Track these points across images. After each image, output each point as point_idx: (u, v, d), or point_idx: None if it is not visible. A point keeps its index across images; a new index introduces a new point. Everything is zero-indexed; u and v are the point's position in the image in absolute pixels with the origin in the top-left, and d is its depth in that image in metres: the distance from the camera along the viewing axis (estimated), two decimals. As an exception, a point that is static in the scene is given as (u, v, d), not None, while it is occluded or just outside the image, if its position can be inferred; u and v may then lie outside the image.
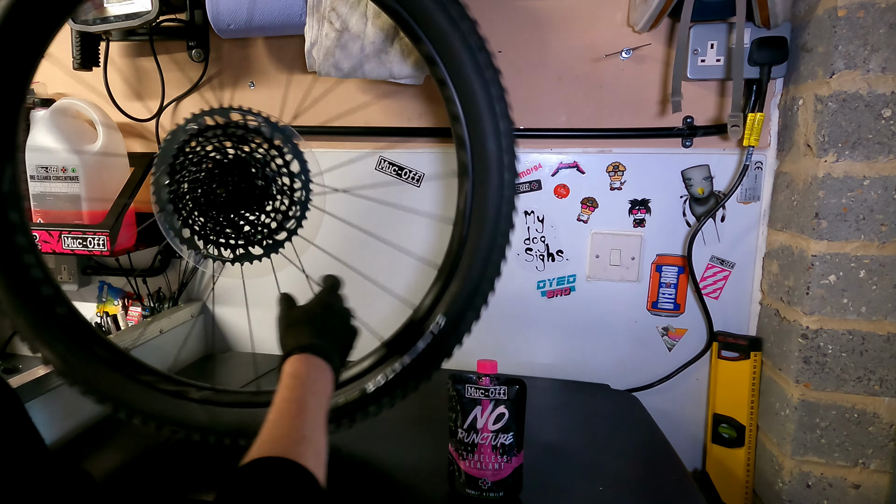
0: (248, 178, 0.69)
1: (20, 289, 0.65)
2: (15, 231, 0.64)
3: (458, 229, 0.71)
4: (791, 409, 0.83)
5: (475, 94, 0.67)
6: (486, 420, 0.64)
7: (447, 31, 0.65)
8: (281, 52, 1.04)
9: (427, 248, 1.03)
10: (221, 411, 0.74)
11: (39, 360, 0.70)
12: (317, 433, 0.50)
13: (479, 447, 0.64)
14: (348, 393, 0.74)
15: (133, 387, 0.72)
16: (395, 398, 0.74)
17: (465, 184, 0.70)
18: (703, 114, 0.93)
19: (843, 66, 0.75)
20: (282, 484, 0.42)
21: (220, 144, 0.69)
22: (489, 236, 0.70)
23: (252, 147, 0.69)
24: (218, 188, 0.68)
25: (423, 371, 0.73)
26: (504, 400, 0.64)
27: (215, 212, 0.69)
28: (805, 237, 0.81)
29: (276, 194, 0.70)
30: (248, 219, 0.70)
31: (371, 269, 0.95)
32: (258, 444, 0.47)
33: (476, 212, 0.69)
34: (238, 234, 0.70)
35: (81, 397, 0.70)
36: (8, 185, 0.63)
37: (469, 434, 0.65)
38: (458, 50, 0.66)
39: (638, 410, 0.92)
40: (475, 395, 0.64)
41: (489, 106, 0.67)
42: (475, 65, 0.66)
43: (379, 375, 0.73)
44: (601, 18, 0.94)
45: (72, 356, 0.69)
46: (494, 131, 0.68)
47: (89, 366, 0.70)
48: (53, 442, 0.79)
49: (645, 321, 1.00)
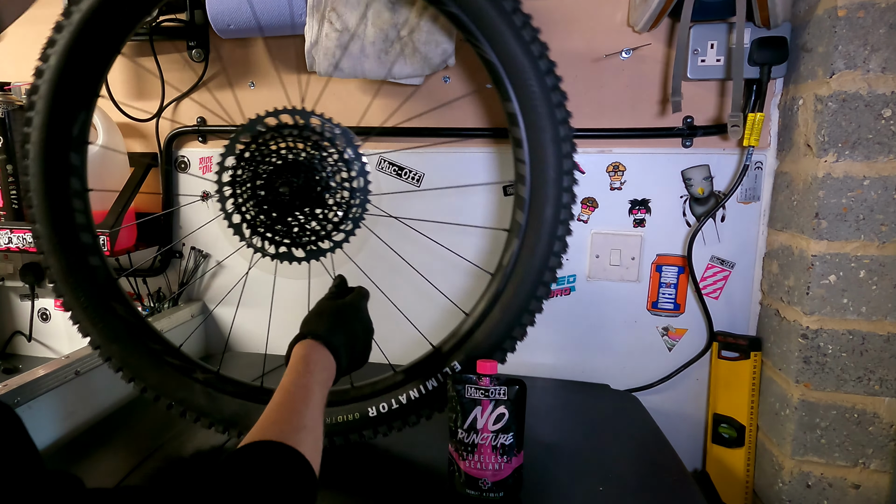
0: (311, 183, 0.70)
1: (61, 230, 0.69)
2: (72, 173, 0.69)
3: (495, 283, 0.72)
4: (791, 409, 0.83)
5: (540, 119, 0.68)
6: (487, 420, 0.64)
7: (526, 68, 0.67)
8: (281, 53, 1.04)
9: (458, 284, 1.03)
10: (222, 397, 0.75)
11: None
12: (317, 423, 0.51)
13: (479, 447, 0.64)
14: (350, 412, 0.74)
15: (142, 355, 0.74)
16: (393, 428, 0.74)
17: (512, 242, 0.71)
18: (703, 114, 0.93)
19: (843, 66, 0.75)
20: (277, 470, 0.43)
21: (294, 144, 0.70)
22: (530, 289, 0.70)
23: (323, 155, 0.70)
24: (281, 186, 0.69)
25: (426, 408, 0.74)
26: (504, 400, 0.64)
27: (270, 207, 0.71)
28: (805, 237, 0.81)
29: (333, 205, 0.71)
30: (299, 221, 0.71)
31: (398, 292, 0.95)
32: (260, 425, 0.47)
33: (521, 265, 0.70)
34: (286, 233, 0.71)
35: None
36: (78, 130, 0.69)
37: (469, 434, 0.65)
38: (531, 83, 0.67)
39: (638, 410, 0.92)
40: (475, 395, 0.64)
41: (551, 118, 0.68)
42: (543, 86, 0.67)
43: (383, 402, 0.73)
44: (601, 18, 0.94)
45: (92, 307, 0.71)
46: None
47: (106, 320, 0.71)
48: (54, 441, 0.79)
49: (645, 321, 1.00)
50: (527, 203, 0.69)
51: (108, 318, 0.72)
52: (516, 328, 0.71)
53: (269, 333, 1.01)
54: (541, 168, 0.68)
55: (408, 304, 0.94)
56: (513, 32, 0.66)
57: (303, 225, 0.71)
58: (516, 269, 0.70)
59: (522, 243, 0.70)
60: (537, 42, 0.67)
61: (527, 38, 0.66)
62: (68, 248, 0.70)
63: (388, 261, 0.97)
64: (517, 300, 0.70)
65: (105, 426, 0.85)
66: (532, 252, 0.70)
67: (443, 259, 0.98)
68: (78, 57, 0.69)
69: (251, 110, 1.05)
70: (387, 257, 0.97)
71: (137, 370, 0.74)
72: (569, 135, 0.68)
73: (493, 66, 0.68)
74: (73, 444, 0.80)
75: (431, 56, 0.88)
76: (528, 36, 0.67)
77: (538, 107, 0.67)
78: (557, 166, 0.68)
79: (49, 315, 1.21)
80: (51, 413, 0.79)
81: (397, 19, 0.89)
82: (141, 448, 0.78)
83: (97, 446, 0.79)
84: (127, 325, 0.73)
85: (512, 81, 0.67)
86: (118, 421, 0.87)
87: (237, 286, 1.08)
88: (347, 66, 0.89)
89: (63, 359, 0.82)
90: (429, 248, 0.94)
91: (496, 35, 0.66)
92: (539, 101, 0.67)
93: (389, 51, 0.87)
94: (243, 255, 1.00)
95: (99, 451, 0.78)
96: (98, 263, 0.72)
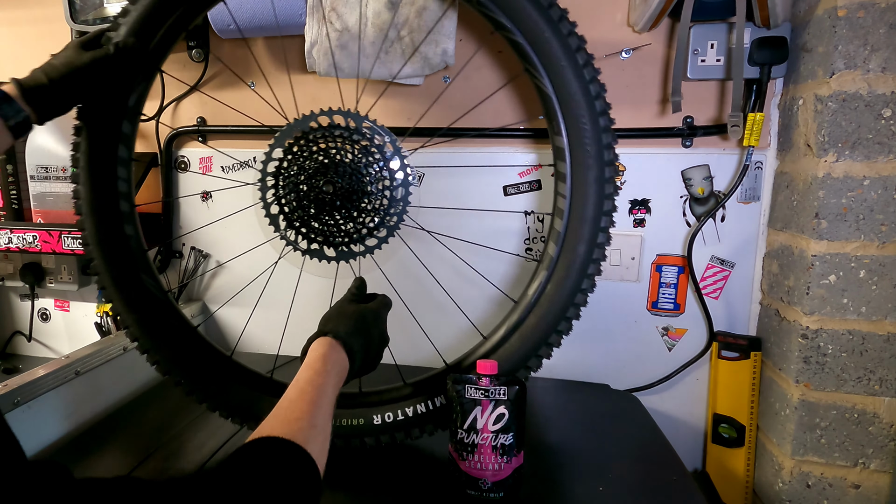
0: (354, 186, 0.71)
1: (102, 194, 0.71)
2: (120, 141, 0.71)
3: (517, 312, 0.72)
4: (791, 409, 0.83)
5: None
6: (487, 420, 0.64)
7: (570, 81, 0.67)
8: (281, 52, 1.04)
9: (479, 306, 1.03)
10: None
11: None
12: (327, 424, 0.51)
13: (479, 447, 0.64)
14: (355, 416, 0.74)
15: (159, 329, 0.75)
16: (395, 438, 0.74)
17: (540, 274, 0.71)
18: (703, 114, 0.93)
19: (843, 65, 0.75)
20: (284, 469, 0.43)
21: (342, 145, 0.72)
22: (552, 322, 0.70)
23: (369, 160, 0.71)
24: (325, 184, 0.71)
25: (430, 423, 0.74)
26: (504, 400, 0.64)
27: (309, 203, 0.72)
28: (805, 237, 0.81)
29: (371, 211, 0.72)
30: (336, 221, 0.73)
31: (418, 305, 0.96)
32: (272, 420, 0.47)
33: (546, 296, 0.71)
34: (322, 231, 0.73)
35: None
36: (134, 101, 0.72)
37: (469, 434, 0.64)
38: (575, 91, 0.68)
39: (638, 410, 0.92)
40: (475, 395, 0.64)
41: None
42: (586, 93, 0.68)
43: (389, 412, 0.73)
44: (601, 18, 0.94)
45: (120, 274, 0.72)
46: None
47: (131, 288, 0.73)
48: (55, 441, 0.79)
49: (645, 321, 1.00)
50: (561, 237, 0.69)
51: (134, 287, 0.73)
52: (532, 359, 0.71)
53: (282, 332, 1.00)
54: (580, 205, 0.69)
55: (426, 318, 0.94)
56: (574, 70, 0.67)
57: (339, 225, 0.72)
58: (541, 301, 0.71)
59: (551, 276, 0.70)
60: (596, 82, 0.68)
61: (587, 76, 0.67)
62: (106, 212, 0.71)
63: (413, 272, 0.97)
64: (537, 332, 0.70)
65: (105, 426, 0.85)
66: (559, 286, 0.70)
67: (466, 277, 0.98)
68: (147, 30, 0.70)
69: (252, 110, 1.06)
70: (411, 268, 0.97)
71: (153, 343, 0.74)
72: (613, 177, 0.68)
73: (549, 99, 0.69)
74: (74, 444, 0.80)
75: (431, 56, 0.88)
76: (589, 75, 0.67)
77: (587, 145, 0.68)
78: (597, 205, 0.68)
79: (49, 315, 1.21)
80: (51, 413, 0.79)
81: (397, 19, 0.89)
82: (141, 448, 0.78)
83: (97, 446, 0.79)
84: (150, 298, 0.74)
85: (565, 117, 0.68)
86: (118, 421, 0.87)
87: (248, 286, 1.08)
88: (347, 66, 0.89)
89: (63, 359, 0.82)
90: (453, 264, 0.94)
91: (557, 69, 0.67)
92: (589, 140, 0.67)
93: (389, 51, 0.87)
94: (274, 247, 1.00)
95: (99, 451, 0.78)
96: (132, 233, 0.73)
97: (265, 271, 0.98)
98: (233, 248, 1.10)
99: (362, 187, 0.71)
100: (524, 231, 1.01)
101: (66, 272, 1.16)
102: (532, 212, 1.00)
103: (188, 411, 0.87)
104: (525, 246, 1.01)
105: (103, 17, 0.95)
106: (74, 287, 1.17)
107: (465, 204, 1.01)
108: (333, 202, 0.71)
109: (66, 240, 0.98)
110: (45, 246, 0.99)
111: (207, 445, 0.78)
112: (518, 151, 0.99)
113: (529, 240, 1.01)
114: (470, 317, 0.91)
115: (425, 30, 0.85)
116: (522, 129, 0.98)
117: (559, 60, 0.67)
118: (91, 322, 1.19)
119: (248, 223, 1.07)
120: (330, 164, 0.71)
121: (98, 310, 1.19)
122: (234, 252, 1.09)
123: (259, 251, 0.98)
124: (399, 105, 1.02)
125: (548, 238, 0.72)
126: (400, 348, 0.79)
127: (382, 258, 0.98)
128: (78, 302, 1.20)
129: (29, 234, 0.99)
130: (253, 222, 1.07)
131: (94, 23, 0.96)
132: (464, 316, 0.89)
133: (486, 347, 0.73)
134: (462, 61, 0.96)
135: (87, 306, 1.19)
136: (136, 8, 0.69)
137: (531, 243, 1.01)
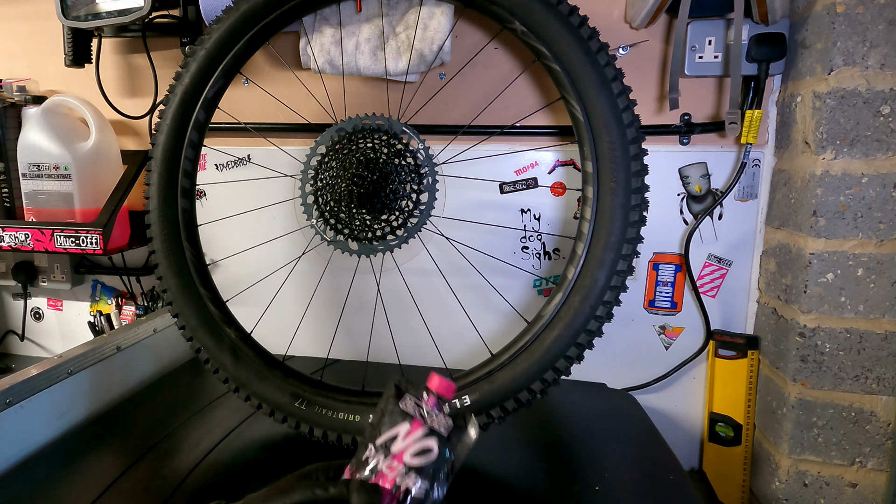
0: (382, 185, 0.75)
1: (170, 170, 0.79)
2: (190, 127, 0.79)
3: (529, 333, 0.71)
4: (788, 408, 0.83)
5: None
6: (407, 446, 0.46)
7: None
8: (276, 49, 1.03)
9: (490, 322, 1.02)
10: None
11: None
12: None
13: (380, 475, 0.45)
14: (353, 413, 0.74)
15: (191, 296, 0.80)
16: None
17: (556, 297, 0.70)
18: (700, 111, 0.93)
19: (842, 62, 0.74)
20: None
21: (378, 146, 0.76)
22: (563, 347, 0.70)
23: (399, 163, 0.75)
24: (356, 179, 0.75)
25: None
26: (441, 436, 0.46)
27: (341, 196, 0.76)
28: (803, 235, 0.80)
29: (395, 212, 0.76)
30: (363, 216, 0.77)
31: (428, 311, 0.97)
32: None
33: (563, 312, 0.70)
34: (349, 223, 0.77)
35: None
36: (212, 94, 0.80)
37: (377, 453, 0.46)
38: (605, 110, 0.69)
39: (635, 409, 0.91)
40: (409, 409, 0.48)
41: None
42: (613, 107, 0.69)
43: None
44: (598, 14, 0.93)
45: (169, 240, 0.79)
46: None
47: (175, 255, 0.79)
48: (48, 441, 0.79)
49: (642, 320, 1.00)
50: (581, 261, 0.69)
51: (177, 255, 0.79)
52: (537, 382, 0.70)
53: (293, 332, 1.00)
54: (604, 231, 0.68)
55: (436, 327, 0.94)
56: (608, 98, 0.67)
57: (366, 221, 0.76)
58: (553, 324, 0.69)
59: (566, 300, 0.69)
60: (629, 111, 0.68)
61: (620, 105, 0.67)
62: (170, 186, 0.79)
63: (428, 277, 0.97)
64: (547, 356, 0.69)
65: (99, 426, 0.84)
66: (574, 311, 0.68)
67: (480, 290, 0.98)
68: (233, 37, 0.79)
69: (245, 107, 1.05)
70: (428, 273, 0.98)
71: (183, 308, 0.79)
72: (639, 204, 0.68)
73: (580, 125, 0.69)
74: (66, 444, 0.79)
75: (427, 53, 0.87)
76: (622, 104, 0.68)
77: (617, 171, 0.67)
78: (621, 232, 0.67)
79: (42, 314, 1.20)
80: (44, 413, 0.78)
81: (393, 16, 0.88)
82: (135, 447, 0.77)
83: (90, 446, 0.79)
84: (187, 266, 0.79)
85: (596, 144, 0.68)
86: (111, 421, 0.86)
87: (248, 288, 1.07)
88: (342, 64, 0.88)
89: (56, 358, 0.82)
90: (467, 273, 0.94)
91: (592, 96, 0.68)
92: (619, 167, 0.67)
93: (385, 48, 0.87)
94: (305, 235, 1.02)
95: (92, 452, 0.77)
96: (187, 207, 0.81)
97: (284, 266, 0.98)
98: (227, 247, 1.09)
99: (388, 187, 0.75)
100: (520, 229, 1.00)
101: (58, 271, 1.15)
102: (529, 210, 0.99)
103: (183, 410, 0.86)
104: (521, 244, 1.01)
105: (95, 13, 0.94)
106: (67, 286, 1.16)
107: (470, 201, 1.01)
108: (362, 198, 0.75)
109: (58, 238, 0.97)
110: (37, 244, 0.98)
111: (202, 444, 0.77)
112: (541, 149, 0.99)
113: (525, 238, 1.00)
114: (480, 330, 0.91)
115: (421, 26, 0.84)
116: (547, 127, 0.97)
117: (595, 87, 0.68)
118: (84, 321, 1.18)
119: (247, 223, 1.06)
120: (366, 161, 0.75)
121: (91, 309, 1.18)
122: (228, 250, 1.08)
123: (257, 251, 0.98)
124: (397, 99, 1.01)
125: (568, 261, 0.71)
126: (404, 349, 0.79)
127: (403, 258, 1.01)
128: (71, 301, 1.19)
129: (21, 232, 0.98)
130: (252, 223, 1.06)
131: (86, 19, 0.95)
132: (471, 325, 0.89)
133: (492, 366, 0.72)
134: (462, 62, 0.96)
135: (81, 305, 1.18)
136: (227, 17, 0.79)
137: (527, 241, 1.01)
